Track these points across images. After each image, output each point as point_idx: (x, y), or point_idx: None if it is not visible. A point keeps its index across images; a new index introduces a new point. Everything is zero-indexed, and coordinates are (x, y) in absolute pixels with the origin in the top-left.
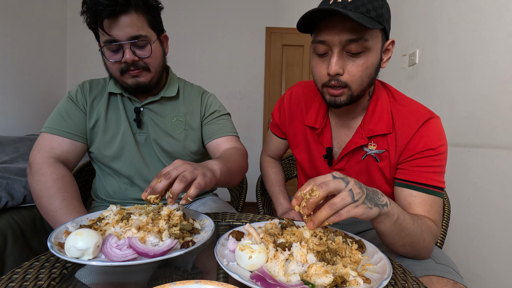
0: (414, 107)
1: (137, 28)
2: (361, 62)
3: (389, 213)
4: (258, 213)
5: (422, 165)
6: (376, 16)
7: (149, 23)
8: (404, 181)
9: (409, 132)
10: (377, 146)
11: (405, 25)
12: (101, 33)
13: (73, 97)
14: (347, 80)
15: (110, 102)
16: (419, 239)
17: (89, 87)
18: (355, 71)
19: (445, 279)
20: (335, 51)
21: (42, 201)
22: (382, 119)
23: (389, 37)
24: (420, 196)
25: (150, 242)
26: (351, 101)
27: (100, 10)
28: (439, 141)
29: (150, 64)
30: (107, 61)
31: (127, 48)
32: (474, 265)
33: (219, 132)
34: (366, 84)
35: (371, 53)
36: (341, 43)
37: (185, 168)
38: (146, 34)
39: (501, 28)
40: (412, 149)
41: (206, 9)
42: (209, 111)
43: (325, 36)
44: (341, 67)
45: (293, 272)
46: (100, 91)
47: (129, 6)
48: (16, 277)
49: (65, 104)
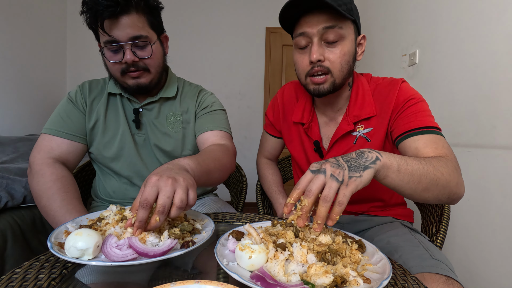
0: (387, 79)
1: (138, 29)
2: (338, 50)
3: (386, 164)
4: (258, 213)
5: (410, 113)
6: (346, 10)
7: (149, 23)
8: (401, 134)
9: (391, 99)
10: (364, 126)
11: (405, 25)
12: (102, 34)
13: (73, 98)
14: (328, 66)
15: (109, 103)
16: (436, 174)
17: (89, 87)
18: (334, 57)
19: (438, 275)
20: (315, 40)
21: (42, 202)
22: (365, 103)
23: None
24: (422, 138)
25: (150, 242)
26: (333, 88)
27: (100, 11)
28: (414, 92)
29: (150, 65)
30: (107, 61)
31: (128, 49)
32: (474, 265)
33: (208, 125)
34: (346, 71)
35: (346, 42)
36: (319, 32)
37: (158, 187)
38: (146, 34)
39: (501, 28)
40: (396, 107)
41: (206, 9)
42: (202, 105)
43: (305, 27)
44: (321, 54)
45: (293, 272)
46: (100, 91)
47: (129, 6)
48: (16, 277)
49: (64, 105)
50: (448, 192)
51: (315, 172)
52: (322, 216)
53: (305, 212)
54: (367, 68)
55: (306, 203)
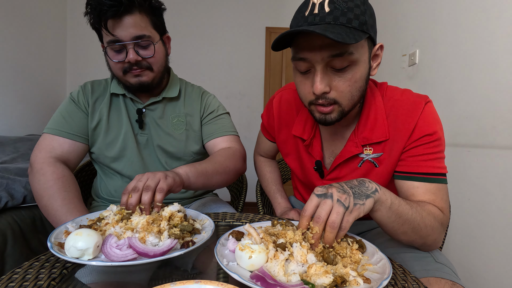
0: (407, 99)
1: (141, 28)
2: (349, 76)
3: (381, 198)
4: (258, 213)
5: (420, 153)
6: (359, 24)
7: (152, 23)
8: (403, 173)
9: (409, 127)
10: (373, 150)
11: (405, 25)
12: (105, 33)
13: (75, 98)
14: (335, 97)
15: (112, 103)
16: (420, 224)
17: (91, 88)
18: (343, 86)
19: (443, 280)
20: (318, 68)
21: (43, 201)
22: (378, 126)
23: (379, 41)
24: (423, 186)
25: (150, 242)
26: (342, 116)
27: (104, 11)
28: (434, 126)
29: (153, 64)
30: (110, 61)
31: (131, 48)
32: (474, 265)
33: (217, 132)
34: (357, 98)
35: (359, 65)
36: (323, 59)
37: (147, 176)
38: (149, 34)
39: (501, 28)
40: (411, 138)
41: (206, 9)
42: (207, 110)
43: (306, 53)
44: (327, 84)
45: (293, 272)
46: (102, 92)
47: (132, 6)
48: (16, 277)
49: (66, 105)
50: (422, 243)
51: (321, 196)
52: (330, 241)
53: (316, 239)
54: None
55: (317, 231)
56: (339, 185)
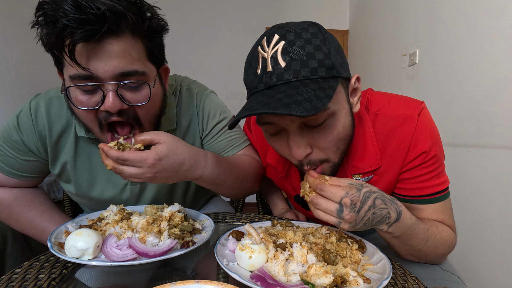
0: (398, 116)
1: (131, 61)
2: (329, 130)
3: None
4: (258, 213)
5: (420, 174)
6: (326, 71)
7: (148, 53)
8: (406, 196)
9: (403, 149)
10: (362, 175)
11: (405, 25)
12: (69, 64)
13: (24, 136)
14: (320, 157)
15: (78, 146)
16: (431, 253)
17: (47, 118)
18: (325, 143)
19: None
20: (291, 131)
21: (10, 220)
22: (368, 155)
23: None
24: (428, 207)
25: (150, 242)
26: (338, 168)
27: (70, 29)
28: (431, 140)
29: (143, 116)
30: (74, 108)
31: (111, 91)
32: (474, 265)
33: (229, 147)
34: (345, 147)
35: (338, 115)
36: (294, 121)
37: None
38: (143, 70)
39: (501, 28)
40: (407, 159)
41: (206, 9)
42: (209, 125)
43: (272, 117)
44: (306, 145)
45: (293, 272)
46: (65, 127)
47: (121, 26)
48: (16, 277)
49: (10, 139)
50: (424, 260)
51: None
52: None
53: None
54: (367, 68)
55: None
56: (369, 186)
